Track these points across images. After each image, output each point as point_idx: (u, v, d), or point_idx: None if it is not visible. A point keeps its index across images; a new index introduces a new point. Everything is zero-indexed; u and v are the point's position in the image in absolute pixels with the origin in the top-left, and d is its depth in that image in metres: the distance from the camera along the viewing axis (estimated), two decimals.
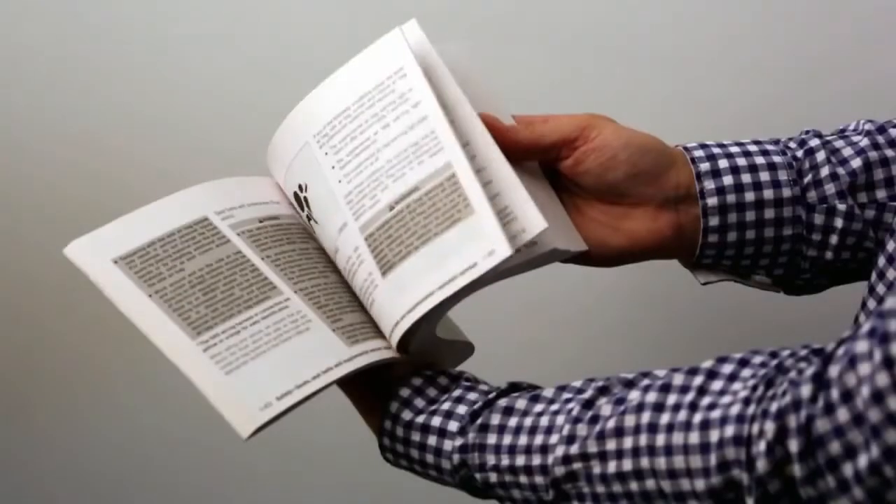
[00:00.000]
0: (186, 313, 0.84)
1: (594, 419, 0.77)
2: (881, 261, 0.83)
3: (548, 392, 0.82)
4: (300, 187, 0.90)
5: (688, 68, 1.25)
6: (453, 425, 0.82)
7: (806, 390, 0.68)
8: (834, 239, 0.88)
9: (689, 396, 0.74)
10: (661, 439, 0.74)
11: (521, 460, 0.80)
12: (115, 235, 0.87)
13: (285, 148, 0.91)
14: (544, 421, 0.80)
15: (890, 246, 0.83)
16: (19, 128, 1.34)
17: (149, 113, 1.32)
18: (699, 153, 0.89)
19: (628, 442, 0.75)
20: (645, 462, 0.75)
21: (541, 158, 0.90)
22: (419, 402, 0.84)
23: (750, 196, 0.88)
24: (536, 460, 0.79)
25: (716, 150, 0.90)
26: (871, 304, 0.84)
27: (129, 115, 1.33)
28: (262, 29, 1.30)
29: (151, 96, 1.32)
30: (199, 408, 0.84)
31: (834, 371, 0.67)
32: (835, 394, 0.67)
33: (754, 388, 0.72)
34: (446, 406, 0.83)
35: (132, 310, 0.84)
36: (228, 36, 1.31)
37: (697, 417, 0.73)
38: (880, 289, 0.83)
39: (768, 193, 0.88)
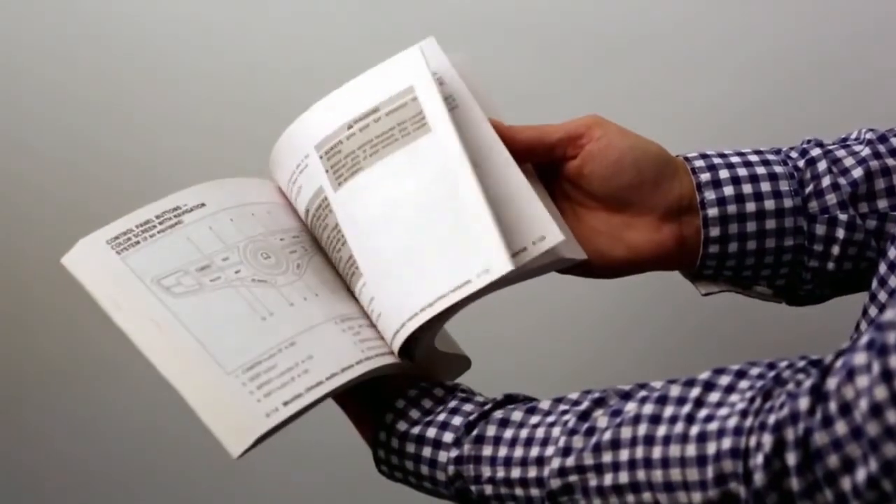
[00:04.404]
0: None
1: (590, 431, 0.77)
2: (882, 268, 0.83)
3: (544, 404, 0.81)
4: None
5: (687, 71, 1.25)
6: (448, 436, 0.82)
7: (804, 403, 0.68)
8: (836, 249, 0.87)
9: (686, 408, 0.74)
10: (657, 451, 0.73)
11: (516, 472, 0.79)
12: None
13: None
14: (540, 433, 0.79)
15: (891, 253, 0.82)
16: (18, 129, 1.34)
17: (148, 116, 1.33)
18: (700, 163, 0.89)
19: (625, 454, 0.75)
20: (641, 475, 0.74)
21: (546, 159, 0.89)
22: (414, 413, 0.84)
23: (751, 207, 0.87)
24: (532, 472, 0.78)
25: (716, 161, 0.89)
26: (873, 311, 0.83)
27: (129, 117, 1.33)
28: (270, 32, 1.30)
29: (151, 99, 1.32)
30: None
31: (832, 383, 0.67)
32: (833, 407, 0.66)
33: (752, 400, 0.71)
34: (441, 417, 0.83)
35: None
36: (232, 39, 1.31)
37: (694, 430, 0.72)
38: (882, 296, 0.82)
39: (769, 204, 0.88)
